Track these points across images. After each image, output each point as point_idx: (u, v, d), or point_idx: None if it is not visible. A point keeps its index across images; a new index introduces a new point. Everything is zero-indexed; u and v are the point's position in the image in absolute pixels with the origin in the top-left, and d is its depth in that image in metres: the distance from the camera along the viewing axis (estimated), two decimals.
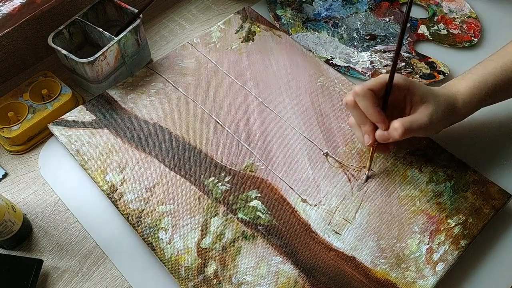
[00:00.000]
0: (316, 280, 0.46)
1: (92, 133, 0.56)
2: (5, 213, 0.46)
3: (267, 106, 0.59)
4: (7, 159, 0.57)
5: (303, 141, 0.56)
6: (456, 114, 0.51)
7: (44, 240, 0.51)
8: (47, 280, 0.48)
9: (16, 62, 0.64)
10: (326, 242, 0.48)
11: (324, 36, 0.69)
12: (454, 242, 0.48)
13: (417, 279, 0.46)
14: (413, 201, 0.51)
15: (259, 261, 0.47)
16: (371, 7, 0.72)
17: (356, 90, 0.48)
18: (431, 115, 0.48)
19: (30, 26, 0.62)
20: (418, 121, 0.48)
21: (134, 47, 0.62)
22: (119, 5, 0.62)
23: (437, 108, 0.49)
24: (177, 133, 0.56)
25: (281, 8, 0.72)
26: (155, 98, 0.60)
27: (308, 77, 0.62)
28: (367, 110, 0.48)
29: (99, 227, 0.51)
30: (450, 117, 0.51)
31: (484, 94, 0.51)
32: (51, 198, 0.54)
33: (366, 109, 0.49)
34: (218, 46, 0.65)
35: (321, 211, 0.51)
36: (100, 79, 0.60)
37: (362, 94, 0.48)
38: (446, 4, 0.73)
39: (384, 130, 0.49)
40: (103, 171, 0.53)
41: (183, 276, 0.46)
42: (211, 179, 0.53)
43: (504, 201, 0.51)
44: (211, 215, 0.50)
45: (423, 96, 0.49)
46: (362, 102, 0.48)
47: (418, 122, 0.48)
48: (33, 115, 0.57)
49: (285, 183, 0.53)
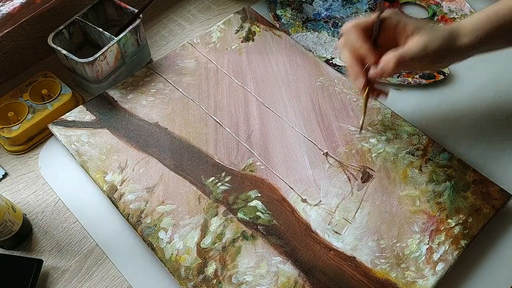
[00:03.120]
0: (316, 280, 0.46)
1: (92, 133, 0.56)
2: (5, 213, 0.46)
3: (267, 106, 0.59)
4: (7, 159, 0.57)
5: (303, 141, 0.56)
6: (455, 46, 0.47)
7: (44, 240, 0.51)
8: (47, 280, 0.48)
9: (16, 62, 0.64)
10: (326, 242, 0.48)
11: (324, 36, 0.69)
12: (454, 242, 0.48)
13: (417, 279, 0.46)
14: (413, 201, 0.51)
15: (259, 261, 0.47)
16: (371, 7, 0.72)
17: (346, 25, 0.47)
18: (426, 43, 0.45)
19: (30, 26, 0.62)
20: (412, 49, 0.45)
21: (134, 47, 0.62)
22: (119, 5, 0.62)
23: (432, 37, 0.46)
24: (177, 133, 0.56)
25: (281, 8, 0.72)
26: (155, 98, 0.60)
27: (308, 77, 0.62)
28: (355, 43, 0.47)
29: (99, 227, 0.51)
30: (449, 48, 0.47)
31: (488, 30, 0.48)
32: (51, 198, 0.54)
33: (354, 42, 0.47)
34: (218, 46, 0.65)
35: (321, 211, 0.51)
36: (100, 79, 0.60)
37: (349, 28, 0.47)
38: (446, 4, 0.73)
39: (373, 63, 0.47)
40: (103, 171, 0.53)
41: (183, 276, 0.46)
42: (211, 179, 0.53)
43: (504, 201, 0.51)
44: (211, 215, 0.50)
45: (417, 27, 0.46)
46: (350, 35, 0.47)
47: (412, 50, 0.45)
48: (33, 115, 0.57)
49: (285, 183, 0.53)
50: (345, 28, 0.47)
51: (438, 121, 0.59)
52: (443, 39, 0.46)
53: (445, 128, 0.59)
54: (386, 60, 0.46)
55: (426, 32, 0.46)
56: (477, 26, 0.48)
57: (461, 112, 0.61)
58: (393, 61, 0.45)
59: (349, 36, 0.47)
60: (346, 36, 0.47)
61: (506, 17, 0.48)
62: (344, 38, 0.48)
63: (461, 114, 0.61)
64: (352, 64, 0.49)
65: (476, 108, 0.61)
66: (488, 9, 0.49)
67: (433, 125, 0.59)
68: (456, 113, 0.60)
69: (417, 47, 0.45)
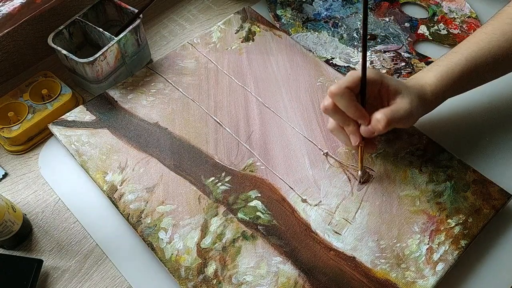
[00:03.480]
0: (316, 280, 0.46)
1: (92, 133, 0.56)
2: (5, 213, 0.46)
3: (267, 106, 0.59)
4: (7, 159, 0.57)
5: (303, 141, 0.56)
6: (426, 103, 0.51)
7: (44, 240, 0.51)
8: (47, 280, 0.48)
9: (16, 62, 0.64)
10: (326, 242, 0.48)
11: (324, 36, 0.69)
12: (454, 242, 0.48)
13: (417, 279, 0.46)
14: (413, 201, 0.51)
15: (259, 261, 0.47)
16: (371, 7, 0.72)
17: (333, 90, 0.48)
18: (410, 104, 0.48)
19: (30, 26, 0.62)
20: (400, 111, 0.48)
21: (134, 47, 0.62)
22: (119, 5, 0.62)
23: (412, 98, 0.49)
24: (177, 133, 0.56)
25: (281, 8, 0.72)
26: (155, 98, 0.60)
27: (308, 77, 0.62)
28: (348, 109, 0.48)
29: (99, 227, 0.51)
30: (423, 107, 0.51)
31: (451, 85, 0.52)
32: (51, 198, 0.54)
33: (346, 108, 0.48)
34: (218, 46, 0.65)
35: (321, 211, 0.51)
36: (100, 79, 0.60)
37: (340, 93, 0.47)
38: (446, 4, 0.73)
39: (367, 125, 0.48)
40: (103, 171, 0.53)
41: (183, 276, 0.46)
42: (211, 179, 0.53)
43: (504, 201, 0.51)
44: (211, 215, 0.50)
45: (397, 88, 0.49)
46: (342, 101, 0.48)
47: (400, 112, 0.48)
48: (33, 115, 0.57)
49: (285, 183, 0.53)
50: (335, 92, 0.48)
51: (438, 121, 0.59)
52: (418, 101, 0.49)
53: (445, 128, 0.59)
54: (377, 120, 0.48)
55: (406, 93, 0.49)
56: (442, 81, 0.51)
57: (461, 112, 0.61)
58: (384, 120, 0.47)
59: (341, 102, 0.48)
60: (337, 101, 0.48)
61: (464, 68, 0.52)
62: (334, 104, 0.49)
63: (461, 114, 0.61)
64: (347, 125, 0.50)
65: (476, 108, 0.61)
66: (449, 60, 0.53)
67: (433, 125, 0.59)
68: (456, 113, 0.60)
69: (405, 107, 0.48)
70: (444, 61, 0.53)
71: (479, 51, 0.52)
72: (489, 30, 0.53)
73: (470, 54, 0.52)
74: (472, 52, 0.52)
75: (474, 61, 0.52)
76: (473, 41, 0.54)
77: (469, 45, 0.53)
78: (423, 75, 0.53)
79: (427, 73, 0.53)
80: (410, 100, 0.49)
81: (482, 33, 0.54)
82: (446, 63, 0.52)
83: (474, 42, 0.53)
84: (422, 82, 0.52)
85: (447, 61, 0.53)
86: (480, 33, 0.54)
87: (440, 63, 0.53)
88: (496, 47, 0.52)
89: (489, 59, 0.52)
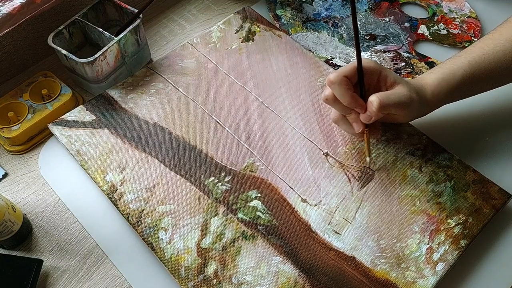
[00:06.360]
0: (316, 280, 0.46)
1: (92, 133, 0.56)
2: (5, 213, 0.46)
3: (267, 106, 0.59)
4: (7, 159, 0.57)
5: (303, 141, 0.56)
6: (425, 104, 0.52)
7: (44, 240, 0.51)
8: (47, 280, 0.48)
9: (16, 62, 0.64)
10: (326, 242, 0.48)
11: (324, 36, 0.69)
12: (454, 242, 0.48)
13: (417, 279, 0.46)
14: (413, 201, 0.51)
15: (259, 261, 0.47)
16: (371, 7, 0.72)
17: (331, 78, 0.48)
18: (409, 92, 0.49)
19: (30, 26, 0.62)
20: (396, 95, 0.48)
21: (134, 47, 0.62)
22: (119, 5, 0.62)
23: (411, 89, 0.49)
24: (177, 133, 0.56)
25: (281, 8, 0.72)
26: (155, 98, 0.60)
27: (308, 77, 0.62)
28: (343, 97, 0.48)
29: (99, 227, 0.51)
30: (421, 104, 0.51)
31: (451, 88, 0.52)
32: (51, 198, 0.54)
33: (341, 96, 0.48)
34: (218, 46, 0.65)
35: (321, 211, 0.51)
36: (100, 79, 0.60)
37: (338, 81, 0.48)
38: (446, 4, 0.73)
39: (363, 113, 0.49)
40: (103, 171, 0.53)
41: (183, 276, 0.46)
42: (211, 179, 0.53)
43: (504, 201, 0.51)
44: (211, 215, 0.50)
45: (396, 78, 0.49)
46: (337, 89, 0.48)
47: (396, 95, 0.48)
48: (33, 115, 0.57)
49: (285, 183, 0.53)
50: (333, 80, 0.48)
51: (438, 121, 0.59)
52: (417, 98, 0.50)
53: (445, 128, 0.59)
54: (370, 102, 0.48)
55: (405, 85, 0.49)
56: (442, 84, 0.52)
57: (461, 112, 0.61)
58: (376, 102, 0.47)
59: (337, 91, 0.49)
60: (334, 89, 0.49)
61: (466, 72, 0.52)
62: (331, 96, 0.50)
63: (461, 114, 0.61)
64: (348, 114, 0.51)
65: (476, 108, 0.61)
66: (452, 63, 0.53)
67: (433, 125, 0.59)
68: (456, 113, 0.60)
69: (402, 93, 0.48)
70: (447, 64, 0.53)
71: (483, 55, 0.52)
72: (496, 36, 0.53)
73: (473, 58, 0.52)
74: (476, 56, 0.52)
75: (477, 65, 0.52)
76: (478, 46, 0.54)
77: (474, 49, 0.53)
78: (425, 76, 0.53)
79: (429, 75, 0.53)
80: (408, 89, 0.49)
81: (489, 39, 0.54)
82: (449, 66, 0.53)
83: (479, 47, 0.53)
84: (423, 82, 0.52)
85: (450, 64, 0.53)
86: (487, 39, 0.54)
87: (443, 65, 0.53)
88: (501, 52, 0.52)
89: (493, 64, 0.52)
